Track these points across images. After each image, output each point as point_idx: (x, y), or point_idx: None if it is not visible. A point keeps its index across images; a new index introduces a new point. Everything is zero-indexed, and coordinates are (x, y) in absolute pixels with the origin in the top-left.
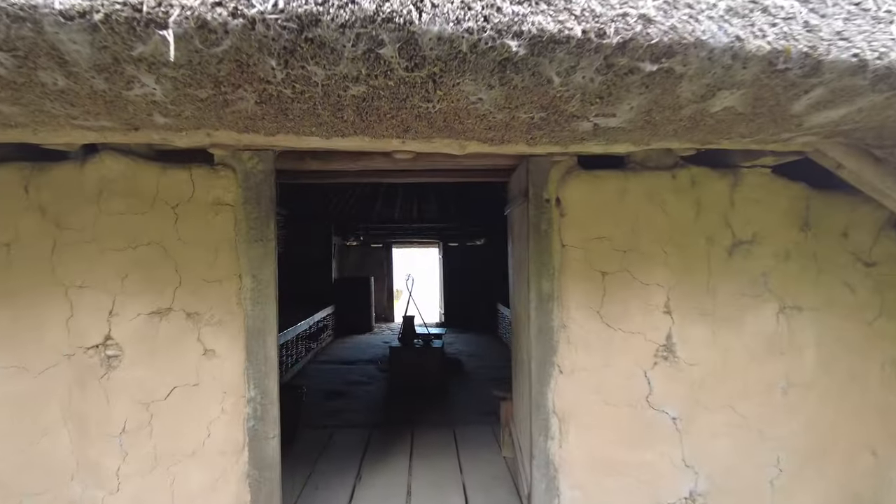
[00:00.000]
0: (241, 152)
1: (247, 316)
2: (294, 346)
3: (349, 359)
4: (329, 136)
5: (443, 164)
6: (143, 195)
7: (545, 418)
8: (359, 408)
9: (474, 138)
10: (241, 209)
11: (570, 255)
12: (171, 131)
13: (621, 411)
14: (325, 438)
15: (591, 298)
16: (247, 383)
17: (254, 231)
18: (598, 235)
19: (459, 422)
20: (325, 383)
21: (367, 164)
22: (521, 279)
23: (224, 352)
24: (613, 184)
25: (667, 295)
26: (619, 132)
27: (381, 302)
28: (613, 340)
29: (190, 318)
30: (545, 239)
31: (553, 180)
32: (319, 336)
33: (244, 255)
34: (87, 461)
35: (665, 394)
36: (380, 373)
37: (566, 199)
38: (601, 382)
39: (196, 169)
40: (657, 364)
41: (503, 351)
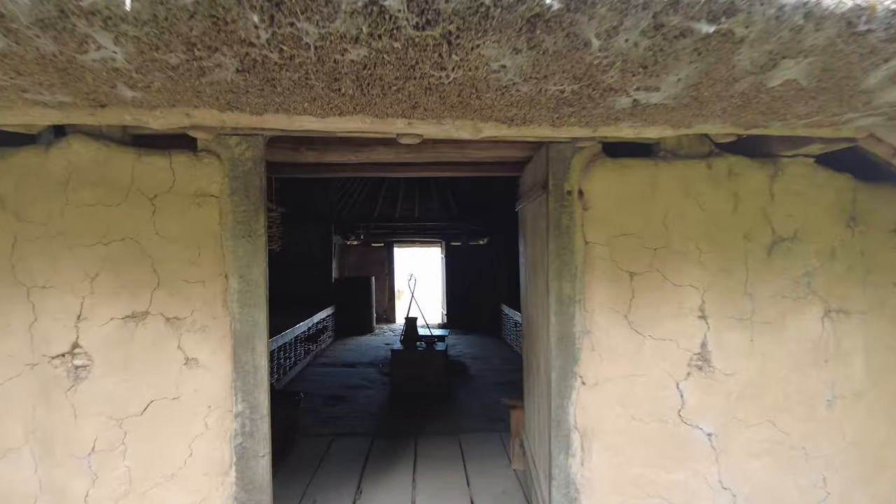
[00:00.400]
0: (227, 137)
1: (233, 320)
2: (292, 348)
3: (349, 361)
4: (325, 114)
5: (450, 156)
6: (116, 184)
7: (566, 434)
8: (359, 414)
9: (492, 118)
10: (227, 201)
11: (595, 254)
12: (143, 109)
13: (650, 427)
14: (324, 448)
15: (618, 301)
16: (234, 396)
17: (241, 225)
18: (626, 231)
19: (465, 429)
20: (325, 387)
21: (369, 155)
22: (536, 280)
23: (208, 361)
24: (642, 174)
25: (701, 297)
26: (660, 111)
27: (383, 302)
28: (642, 348)
29: (169, 323)
30: (566, 235)
31: (575, 170)
32: (319, 338)
33: (230, 252)
34: (51, 485)
35: (699, 407)
36: (381, 376)
37: (590, 190)
38: (628, 395)
39: (177, 156)
40: (691, 374)
41: (508, 354)
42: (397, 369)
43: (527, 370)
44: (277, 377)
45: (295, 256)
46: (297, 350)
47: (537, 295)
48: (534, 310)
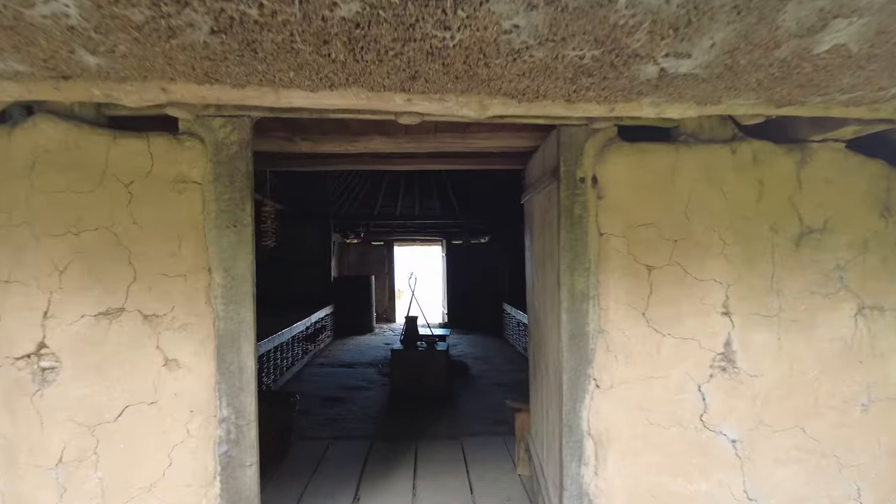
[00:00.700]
0: (210, 119)
1: (217, 318)
2: (289, 348)
3: (348, 361)
4: (314, 86)
5: (451, 146)
6: (88, 169)
7: (578, 441)
8: (358, 416)
9: (500, 91)
10: (210, 188)
11: (610, 246)
12: (112, 82)
13: (670, 433)
14: (321, 451)
15: (635, 298)
16: (218, 400)
17: (226, 214)
18: (644, 222)
19: (467, 432)
20: (322, 388)
21: (366, 145)
22: (545, 276)
23: (190, 362)
24: (662, 160)
25: (725, 293)
26: (688, 83)
27: (383, 302)
28: (661, 348)
29: (147, 321)
30: (579, 226)
31: (589, 155)
32: (317, 337)
33: (214, 243)
34: (15, 499)
35: (723, 412)
36: (380, 377)
37: (605, 177)
38: (646, 398)
39: (156, 138)
40: (713, 376)
41: (511, 354)
42: (397, 370)
43: (533, 372)
44: (274, 378)
45: (293, 254)
46: (295, 350)
47: (546, 292)
48: (542, 307)
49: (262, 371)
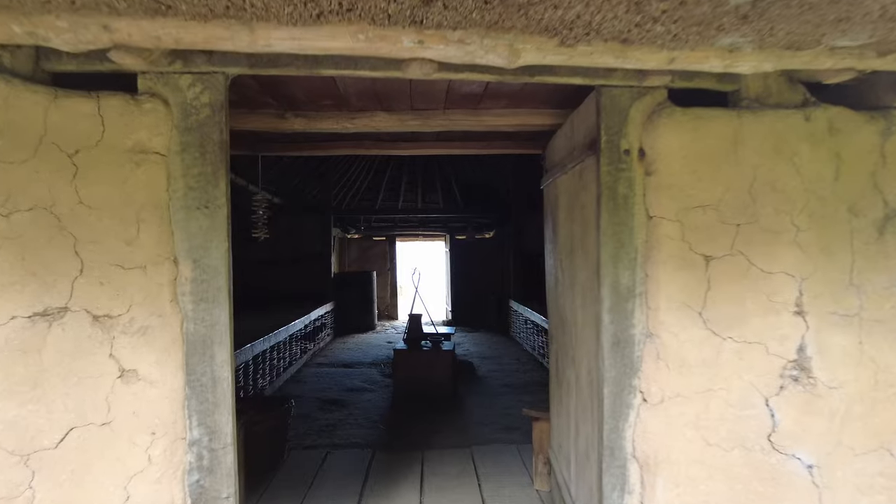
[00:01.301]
0: (176, 77)
1: (186, 319)
2: (286, 347)
3: (349, 361)
4: (297, 16)
5: (462, 123)
6: (20, 134)
7: (621, 465)
8: (359, 421)
9: (539, 25)
10: (176, 160)
11: (660, 232)
12: (36, 15)
13: (732, 456)
14: (317, 462)
15: (690, 294)
16: (187, 419)
17: (195, 193)
18: (700, 203)
19: (477, 440)
20: (321, 390)
21: (367, 122)
22: (574, 270)
23: (151, 373)
24: (722, 128)
25: (798, 288)
26: (790, 11)
27: (385, 299)
28: (721, 354)
29: (98, 322)
30: (624, 208)
31: (635, 122)
32: (317, 336)
33: (181, 228)
34: None
35: (796, 431)
36: (383, 377)
37: (653, 149)
38: (703, 415)
39: (108, 99)
40: (784, 388)
41: (518, 353)
42: (401, 371)
43: (556, 379)
44: (270, 379)
45: (291, 250)
46: (293, 350)
47: (576, 288)
48: (569, 306)
49: (256, 373)
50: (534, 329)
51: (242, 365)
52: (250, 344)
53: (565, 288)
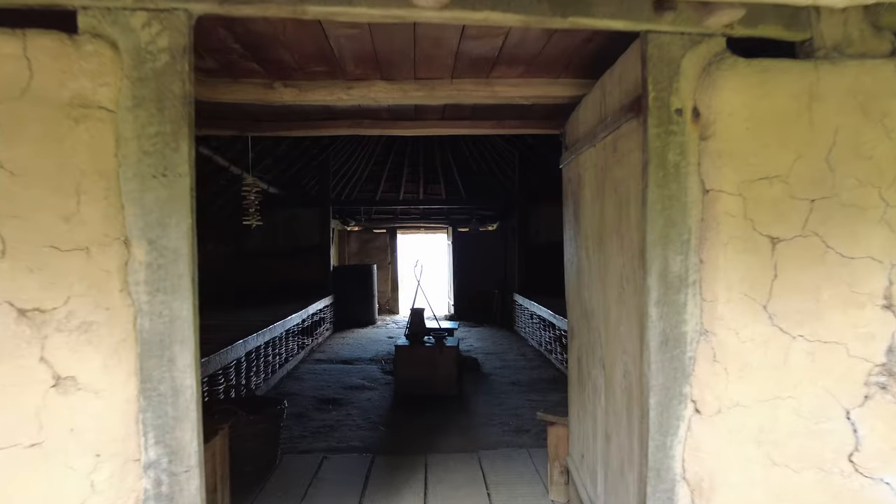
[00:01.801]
0: (127, 14)
1: (140, 314)
2: (283, 343)
3: (348, 357)
4: None
5: (472, 95)
6: None
7: (668, 489)
8: (357, 422)
9: None
10: (127, 117)
11: (719, 209)
12: None
13: (804, 479)
14: (313, 468)
15: (753, 283)
16: (142, 436)
17: (152, 158)
18: (766, 173)
19: (484, 443)
20: (319, 388)
21: (365, 93)
22: (605, 256)
23: (96, 381)
24: (795, 82)
25: (888, 277)
26: None
27: (385, 292)
28: (790, 356)
29: (25, 318)
30: (675, 179)
31: (687, 76)
32: (315, 330)
33: (135, 201)
34: None
35: (885, 450)
36: (383, 374)
37: (710, 109)
38: (768, 429)
39: (37, 38)
40: (870, 398)
41: (524, 348)
42: (402, 368)
43: (578, 381)
44: (265, 376)
45: (289, 242)
46: (289, 345)
47: (608, 279)
48: (598, 300)
49: (250, 370)
50: (540, 324)
51: (234, 362)
52: (242, 340)
53: (591, 279)
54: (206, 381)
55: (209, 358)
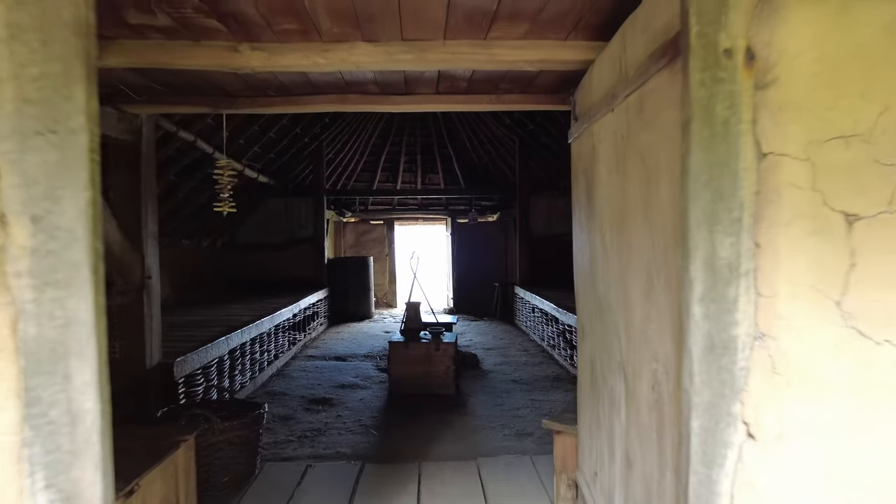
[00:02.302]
0: None
1: (22, 316)
2: (272, 339)
3: (342, 353)
4: None
5: (467, 59)
6: None
7: None
8: (347, 424)
9: None
10: (1, 52)
11: (780, 177)
12: None
13: None
14: (296, 478)
15: (823, 274)
16: (27, 478)
17: (35, 109)
18: (842, 131)
19: (484, 448)
20: (309, 387)
21: (345, 57)
22: (625, 242)
23: None
24: (881, 11)
25: None
26: None
27: (382, 285)
28: (873, 366)
29: None
30: (724, 140)
31: (739, 8)
32: (308, 325)
33: (12, 166)
34: None
35: None
36: (378, 372)
37: (770, 49)
38: (845, 461)
39: None
40: None
41: (525, 343)
42: (397, 365)
43: (592, 388)
44: (251, 375)
45: (281, 233)
46: (280, 341)
47: (631, 269)
48: (618, 294)
49: (234, 369)
50: (543, 318)
51: (215, 360)
52: (225, 336)
53: (608, 269)
54: (183, 381)
55: (186, 357)
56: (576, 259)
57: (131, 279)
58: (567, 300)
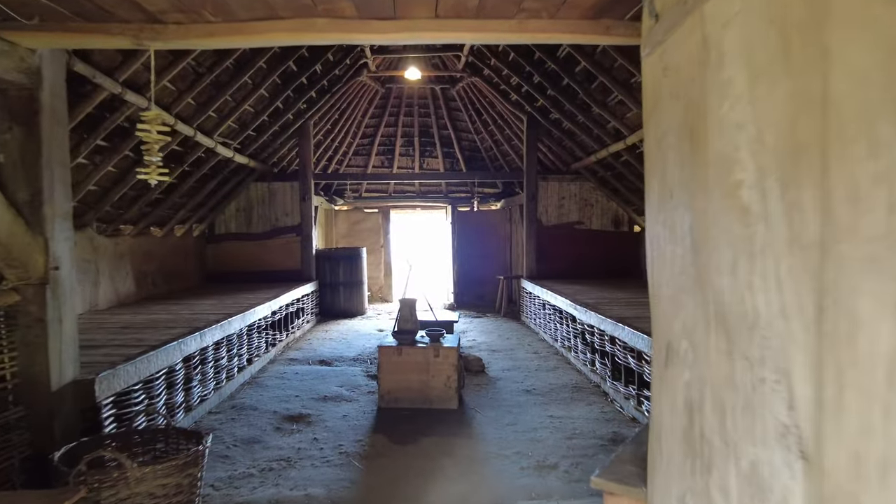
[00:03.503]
0: None
1: None
2: (244, 341)
3: (327, 356)
4: None
5: None
6: None
7: None
8: (324, 452)
9: None
10: None
11: None
12: None
13: None
14: None
15: None
16: None
17: None
18: None
19: (498, 489)
20: (284, 399)
21: None
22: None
23: None
24: None
25: None
26: None
27: (377, 278)
28: None
29: None
30: None
31: None
32: (291, 323)
33: None
34: None
35: None
36: (367, 379)
37: None
38: None
39: None
40: None
41: (535, 343)
42: (388, 375)
43: (682, 439)
44: (216, 384)
45: (265, 222)
46: (254, 342)
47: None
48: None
49: (189, 381)
50: (555, 315)
51: (163, 371)
52: (178, 342)
53: (754, 254)
54: (111, 403)
55: (116, 370)
56: (651, 243)
57: (27, 271)
58: (584, 295)
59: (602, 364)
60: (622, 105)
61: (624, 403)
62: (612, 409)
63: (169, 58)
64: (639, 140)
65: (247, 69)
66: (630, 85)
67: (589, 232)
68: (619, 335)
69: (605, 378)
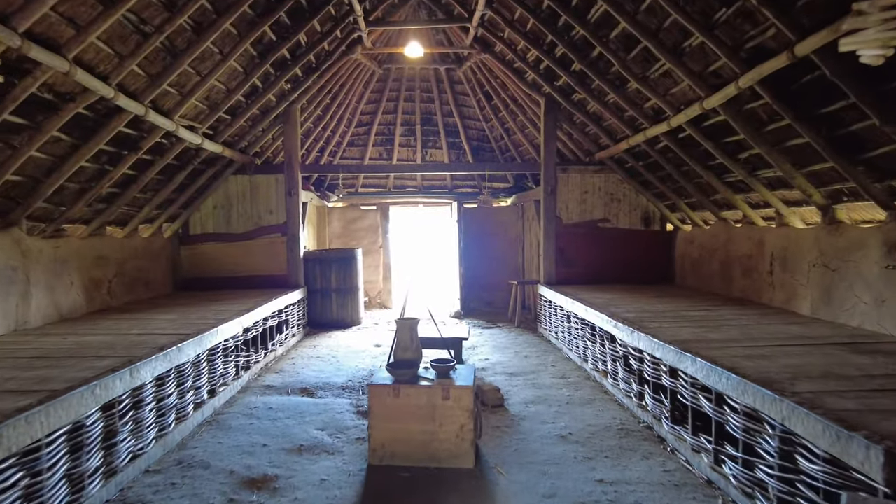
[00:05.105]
0: None
1: None
2: (202, 369)
3: (311, 382)
4: None
5: None
6: None
7: None
8: None
9: None
10: None
11: None
12: None
13: None
14: None
15: None
16: None
17: None
18: None
19: None
20: (247, 450)
21: None
22: None
23: None
24: None
25: None
26: None
27: (376, 283)
28: None
29: None
30: None
31: None
32: (271, 340)
33: None
34: None
35: None
36: (357, 419)
37: None
38: None
39: None
40: None
41: (559, 362)
42: (381, 423)
43: None
44: (160, 431)
45: (245, 221)
46: (217, 370)
47: None
48: None
49: (112, 435)
50: (583, 331)
51: (69, 427)
52: (90, 385)
53: None
54: None
55: None
56: None
57: None
58: (618, 307)
59: (656, 401)
60: (667, 77)
61: (692, 458)
62: (678, 466)
63: (98, 7)
64: (687, 120)
65: (209, 32)
66: (681, 50)
67: (615, 231)
68: (686, 368)
69: (659, 418)
